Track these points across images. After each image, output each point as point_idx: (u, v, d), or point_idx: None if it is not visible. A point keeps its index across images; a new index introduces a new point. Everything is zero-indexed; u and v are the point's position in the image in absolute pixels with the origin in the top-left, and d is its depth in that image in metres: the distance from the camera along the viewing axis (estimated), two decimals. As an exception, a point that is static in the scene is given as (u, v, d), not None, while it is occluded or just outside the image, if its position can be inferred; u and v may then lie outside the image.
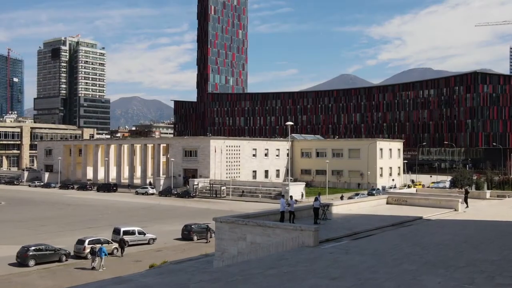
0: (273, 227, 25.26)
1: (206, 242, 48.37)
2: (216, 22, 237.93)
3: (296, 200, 30.50)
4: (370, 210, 38.08)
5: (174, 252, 44.33)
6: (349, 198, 79.49)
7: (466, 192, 49.76)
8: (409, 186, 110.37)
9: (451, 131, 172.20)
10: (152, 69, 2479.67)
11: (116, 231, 47.92)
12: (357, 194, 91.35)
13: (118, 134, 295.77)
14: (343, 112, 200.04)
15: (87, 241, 41.99)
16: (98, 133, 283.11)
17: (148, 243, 48.60)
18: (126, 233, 47.59)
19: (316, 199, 31.15)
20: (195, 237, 50.54)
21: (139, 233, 48.95)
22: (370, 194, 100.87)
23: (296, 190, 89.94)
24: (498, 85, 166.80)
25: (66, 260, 40.83)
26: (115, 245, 43.99)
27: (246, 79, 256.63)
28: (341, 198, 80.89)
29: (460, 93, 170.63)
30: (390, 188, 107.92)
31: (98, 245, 39.55)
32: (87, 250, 41.40)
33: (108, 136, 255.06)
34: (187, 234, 50.71)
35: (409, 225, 31.41)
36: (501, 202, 50.61)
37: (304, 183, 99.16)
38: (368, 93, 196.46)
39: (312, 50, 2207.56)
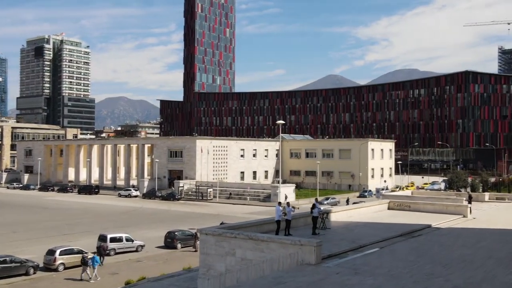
0: (267, 240, 21.50)
1: (194, 251, 44.39)
2: (203, 20, 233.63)
3: (293, 207, 26.34)
4: (372, 217, 34.50)
5: (156, 263, 40.39)
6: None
7: (470, 197, 46.56)
8: (401, 188, 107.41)
9: (442, 131, 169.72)
10: (139, 69, 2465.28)
11: (102, 238, 43.84)
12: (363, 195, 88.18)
13: (103, 135, 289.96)
14: (332, 112, 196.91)
15: (58, 252, 37.89)
16: (82, 133, 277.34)
17: (136, 251, 44.74)
18: (113, 240, 43.67)
19: (314, 206, 27.44)
20: (179, 245, 46.60)
21: (127, 239, 44.97)
22: (361, 196, 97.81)
23: (286, 192, 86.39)
24: (489, 84, 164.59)
25: (34, 273, 36.66)
26: (90, 255, 39.86)
27: (234, 78, 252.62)
28: (347, 202, 77.26)
29: (451, 93, 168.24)
30: (383, 189, 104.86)
31: (90, 254, 36.69)
32: (58, 262, 37.37)
33: (93, 137, 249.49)
34: (170, 242, 46.77)
35: (419, 235, 27.85)
36: (508, 206, 47.42)
37: (294, 184, 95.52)
38: (357, 93, 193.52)
39: (299, 51, 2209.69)
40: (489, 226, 32.48)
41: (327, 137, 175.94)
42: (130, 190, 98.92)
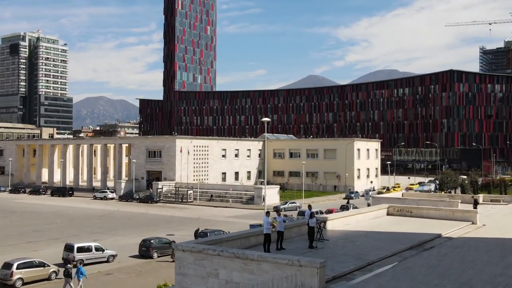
0: (259, 260, 17.41)
1: (172, 261, 40.12)
2: (184, 17, 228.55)
3: (285, 217, 21.88)
4: (372, 225, 30.67)
5: (127, 276, 36.05)
6: (343, 208, 72.85)
7: (476, 203, 43.28)
8: (388, 189, 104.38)
9: (427, 131, 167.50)
10: (119, 69, 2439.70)
11: (69, 248, 39.28)
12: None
13: (82, 134, 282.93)
14: (315, 112, 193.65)
15: (15, 265, 33.32)
16: (59, 133, 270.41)
17: (107, 261, 40.24)
18: (81, 250, 38.93)
19: (311, 215, 23.45)
20: (155, 254, 42.30)
21: (97, 249, 40.40)
22: (348, 197, 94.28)
23: (270, 194, 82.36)
24: (474, 83, 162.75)
25: (-13, 290, 32.15)
26: (53, 268, 35.42)
27: (215, 77, 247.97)
28: (346, 208, 70.05)
29: (435, 92, 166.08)
30: (370, 191, 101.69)
31: (74, 266, 32.95)
32: (16, 277, 32.85)
33: (71, 136, 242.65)
34: (145, 250, 42.42)
35: (431, 247, 24.02)
36: (509, 210, 44.06)
37: (278, 186, 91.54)
38: (341, 92, 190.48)
39: (280, 51, 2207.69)
40: (504, 235, 28.86)
41: (311, 136, 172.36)
42: (106, 192, 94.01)
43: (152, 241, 42.95)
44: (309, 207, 25.39)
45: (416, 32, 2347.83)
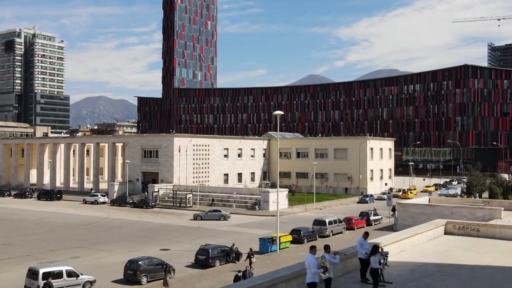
0: None
1: (164, 287, 31.96)
2: (183, 11, 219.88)
3: (336, 253, 11.89)
4: (437, 251, 22.32)
5: (105, 314, 27.68)
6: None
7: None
8: (404, 192, 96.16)
9: (439, 130, 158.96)
10: (120, 69, 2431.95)
11: (33, 273, 30.94)
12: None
13: (79, 133, 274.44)
14: (321, 109, 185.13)
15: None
16: (55, 132, 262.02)
17: (83, 289, 31.99)
18: (47, 276, 30.22)
19: (374, 250, 15.12)
20: (144, 279, 33.96)
21: (70, 274, 31.98)
22: (362, 201, 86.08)
23: (278, 198, 73.78)
24: (489, 79, 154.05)
25: None
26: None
27: (216, 73, 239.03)
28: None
29: (448, 88, 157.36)
30: (384, 194, 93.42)
31: None
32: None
33: (67, 135, 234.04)
34: (131, 274, 34.04)
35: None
36: None
37: (287, 189, 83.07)
38: (347, 89, 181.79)
39: (281, 51, 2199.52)
40: None
41: (319, 135, 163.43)
42: (97, 195, 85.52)
43: (140, 262, 34.49)
44: (366, 234, 16.99)
45: (417, 32, 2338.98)
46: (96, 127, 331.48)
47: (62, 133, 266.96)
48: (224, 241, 48.57)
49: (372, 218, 61.10)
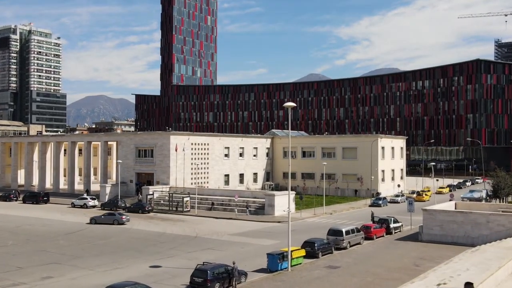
0: None
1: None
2: (182, 6, 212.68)
3: None
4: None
5: None
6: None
7: None
8: (419, 193, 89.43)
9: (449, 128, 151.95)
10: (120, 68, 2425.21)
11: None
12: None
13: (77, 132, 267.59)
14: (325, 107, 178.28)
15: None
16: (52, 130, 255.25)
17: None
18: None
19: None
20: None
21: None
22: (374, 204, 79.15)
23: (285, 202, 66.87)
24: (503, 75, 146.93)
25: None
26: None
27: (215, 70, 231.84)
28: (384, 221, 55.08)
29: (459, 84, 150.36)
30: (397, 196, 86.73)
31: None
32: None
33: (56, 134, 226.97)
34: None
35: None
36: None
37: (294, 192, 75.92)
38: (353, 85, 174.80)
39: (281, 50, 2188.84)
40: None
41: (326, 133, 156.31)
42: (87, 198, 78.53)
43: (121, 290, 27.49)
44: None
45: (417, 31, 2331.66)
46: (93, 126, 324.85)
47: (59, 132, 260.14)
48: (225, 254, 41.79)
49: (392, 225, 54.09)
